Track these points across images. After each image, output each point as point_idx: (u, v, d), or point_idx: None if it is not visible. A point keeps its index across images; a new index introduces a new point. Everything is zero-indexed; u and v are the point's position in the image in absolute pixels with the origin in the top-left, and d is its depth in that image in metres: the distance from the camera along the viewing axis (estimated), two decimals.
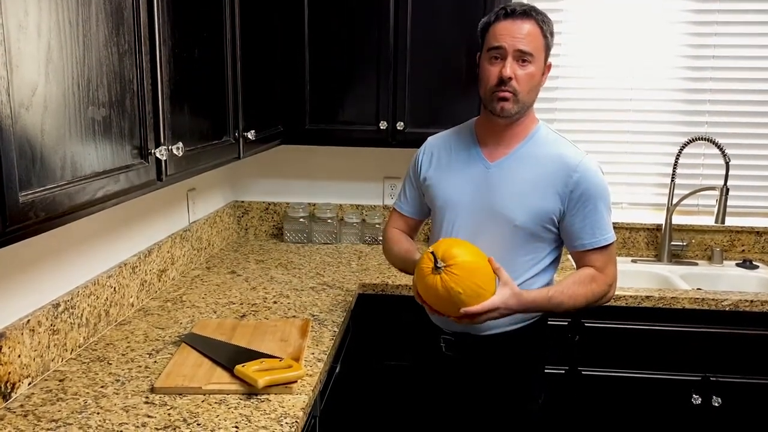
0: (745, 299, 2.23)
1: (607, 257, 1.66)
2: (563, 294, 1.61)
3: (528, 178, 1.63)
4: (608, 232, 1.65)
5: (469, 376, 1.73)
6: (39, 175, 1.03)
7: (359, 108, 2.51)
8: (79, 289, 1.71)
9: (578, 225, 1.64)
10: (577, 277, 1.65)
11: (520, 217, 1.62)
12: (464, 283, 1.49)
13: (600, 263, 1.66)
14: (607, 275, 1.66)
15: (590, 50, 2.78)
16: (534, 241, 1.65)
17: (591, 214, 1.62)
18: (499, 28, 1.59)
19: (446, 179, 1.73)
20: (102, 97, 1.21)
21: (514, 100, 1.59)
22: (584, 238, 1.65)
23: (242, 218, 2.96)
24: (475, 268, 1.51)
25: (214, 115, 1.82)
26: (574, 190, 1.61)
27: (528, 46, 1.56)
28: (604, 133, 2.84)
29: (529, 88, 1.60)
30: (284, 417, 1.38)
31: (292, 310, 2.03)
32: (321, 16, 2.46)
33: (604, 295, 1.67)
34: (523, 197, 1.63)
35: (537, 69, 1.59)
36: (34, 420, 1.35)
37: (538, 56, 1.59)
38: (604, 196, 1.64)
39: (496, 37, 1.59)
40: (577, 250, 1.67)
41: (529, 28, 1.57)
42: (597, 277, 1.65)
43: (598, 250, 1.65)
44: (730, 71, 2.74)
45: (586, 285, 1.63)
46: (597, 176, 1.63)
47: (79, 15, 1.13)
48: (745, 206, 2.82)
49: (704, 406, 2.28)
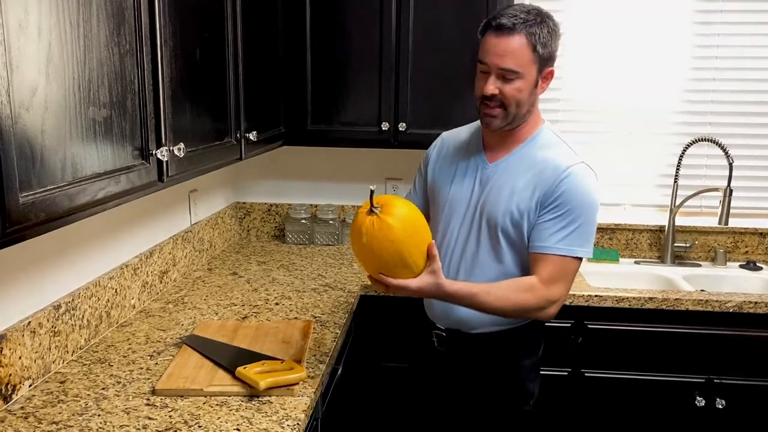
0: (748, 301, 2.22)
1: (558, 271, 1.54)
2: (490, 295, 1.51)
3: (517, 181, 1.60)
4: (570, 245, 1.54)
5: (459, 372, 1.73)
6: (39, 176, 1.03)
7: (361, 109, 2.50)
8: (81, 291, 1.70)
9: (542, 226, 1.55)
10: (514, 282, 1.56)
11: (502, 219, 1.60)
12: (390, 239, 1.37)
13: (547, 274, 1.53)
14: (550, 290, 1.53)
15: (593, 51, 2.78)
16: (519, 245, 1.61)
17: (559, 220, 1.54)
18: (485, 42, 1.54)
19: (448, 177, 1.73)
20: (103, 97, 1.21)
21: (503, 114, 1.56)
22: (542, 240, 1.55)
23: (244, 219, 2.96)
24: (408, 234, 1.40)
25: (215, 116, 1.81)
26: (552, 193, 1.55)
27: (511, 63, 1.50)
28: (607, 134, 2.83)
29: (518, 102, 1.55)
30: (286, 419, 1.38)
31: (294, 311, 2.03)
32: (323, 16, 2.45)
33: (538, 310, 1.55)
34: (508, 199, 1.60)
35: (526, 83, 1.53)
36: (34, 422, 1.35)
37: (526, 71, 1.52)
38: (582, 209, 1.55)
39: (483, 51, 1.55)
40: (532, 251, 1.57)
41: (515, 44, 1.50)
42: (536, 288, 1.53)
43: (551, 260, 1.54)
44: (734, 72, 2.74)
45: (519, 293, 1.53)
46: (581, 186, 1.55)
47: (80, 15, 1.12)
48: (748, 207, 2.81)
49: (708, 408, 2.27)
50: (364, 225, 1.39)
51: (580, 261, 1.58)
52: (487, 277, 1.62)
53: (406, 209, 1.42)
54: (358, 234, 1.41)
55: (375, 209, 1.39)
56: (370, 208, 1.40)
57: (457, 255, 1.67)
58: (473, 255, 1.66)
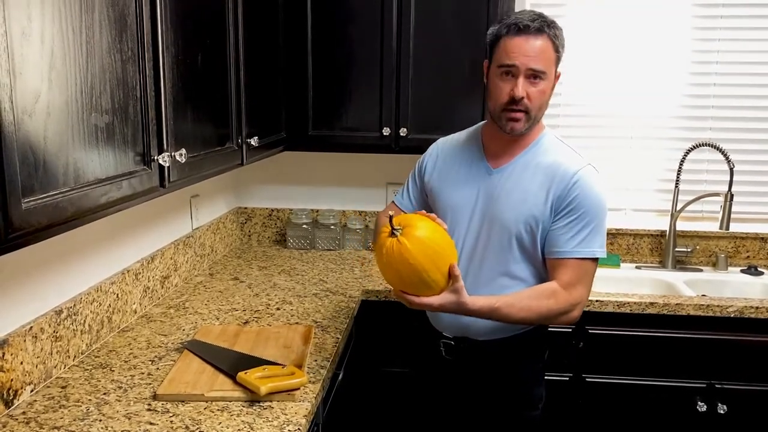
0: (750, 306, 2.22)
1: (578, 274, 1.56)
2: (513, 307, 1.53)
3: (526, 186, 1.61)
4: (586, 247, 1.56)
5: (468, 380, 1.73)
6: (42, 182, 1.03)
7: (362, 114, 2.51)
8: (82, 296, 1.71)
9: (558, 232, 1.57)
10: (534, 291, 1.57)
11: (515, 225, 1.60)
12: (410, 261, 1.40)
13: (567, 278, 1.55)
14: (571, 294, 1.55)
15: (594, 56, 2.78)
16: (531, 251, 1.62)
17: (574, 224, 1.56)
18: (511, 45, 1.53)
19: (449, 184, 1.72)
20: (105, 103, 1.21)
21: (526, 118, 1.57)
22: (559, 245, 1.57)
23: (245, 224, 2.96)
24: (427, 256, 1.42)
25: (217, 122, 1.82)
26: (565, 198, 1.57)
27: (540, 64, 1.52)
28: (608, 139, 2.84)
29: (540, 105, 1.57)
30: (287, 424, 1.38)
31: (295, 316, 2.03)
32: (324, 22, 2.46)
33: (563, 314, 1.56)
34: (519, 205, 1.60)
35: (548, 84, 1.56)
36: (36, 427, 1.35)
37: (549, 72, 1.55)
38: (595, 210, 1.57)
39: (508, 55, 1.53)
40: (550, 258, 1.58)
41: (542, 44, 1.52)
42: (558, 293, 1.55)
43: (570, 264, 1.56)
44: (734, 77, 2.74)
45: (541, 300, 1.54)
46: (591, 189, 1.57)
47: (82, 22, 1.13)
48: (749, 212, 2.81)
49: (710, 413, 2.26)
50: (385, 246, 1.44)
51: (597, 261, 1.60)
52: (496, 283, 1.62)
53: (426, 231, 1.45)
54: (379, 254, 1.47)
55: (396, 231, 1.43)
56: (392, 230, 1.44)
57: (465, 261, 1.66)
58: (480, 261, 1.65)
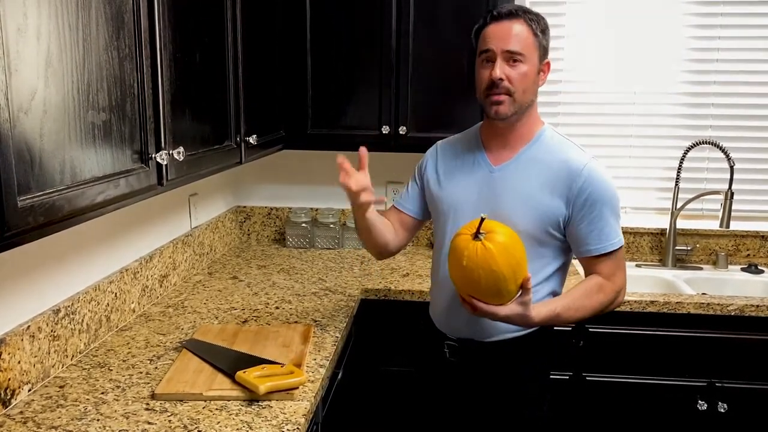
0: (750, 304, 2.22)
1: (614, 263, 1.64)
2: (570, 309, 1.59)
3: (532, 183, 1.62)
4: (614, 238, 1.63)
5: (472, 382, 1.72)
6: (38, 180, 1.03)
7: (361, 112, 2.50)
8: (80, 295, 1.70)
9: (584, 231, 1.62)
10: (584, 289, 1.63)
11: (524, 222, 1.60)
12: (492, 268, 1.40)
13: (607, 270, 1.64)
14: (615, 282, 1.64)
15: (594, 54, 2.78)
16: (538, 246, 1.62)
17: (597, 219, 1.61)
18: (487, 31, 1.60)
19: (451, 184, 1.72)
20: (102, 101, 1.21)
21: (510, 101, 1.58)
22: (590, 243, 1.63)
23: (244, 223, 2.95)
24: (509, 264, 1.42)
25: (215, 120, 1.81)
26: (579, 195, 1.59)
27: (516, 45, 1.56)
28: (608, 137, 2.83)
29: (524, 87, 1.58)
30: (286, 423, 1.37)
31: (294, 315, 2.02)
32: (323, 20, 2.45)
33: (611, 303, 1.65)
34: (526, 201, 1.61)
35: (530, 68, 1.58)
36: (33, 427, 1.35)
37: (529, 55, 1.57)
38: (610, 201, 1.62)
39: (485, 41, 1.60)
40: (584, 255, 1.66)
41: (517, 27, 1.57)
42: (604, 286, 1.63)
43: (605, 256, 1.63)
44: (735, 75, 2.73)
45: (593, 296, 1.61)
46: (602, 181, 1.62)
47: (79, 19, 1.12)
48: (750, 210, 2.81)
49: (710, 412, 2.26)
50: (468, 249, 1.41)
51: (623, 244, 1.66)
52: None
53: (509, 239, 1.44)
54: (459, 257, 1.44)
55: (481, 235, 1.41)
56: (476, 233, 1.41)
57: None
58: None
